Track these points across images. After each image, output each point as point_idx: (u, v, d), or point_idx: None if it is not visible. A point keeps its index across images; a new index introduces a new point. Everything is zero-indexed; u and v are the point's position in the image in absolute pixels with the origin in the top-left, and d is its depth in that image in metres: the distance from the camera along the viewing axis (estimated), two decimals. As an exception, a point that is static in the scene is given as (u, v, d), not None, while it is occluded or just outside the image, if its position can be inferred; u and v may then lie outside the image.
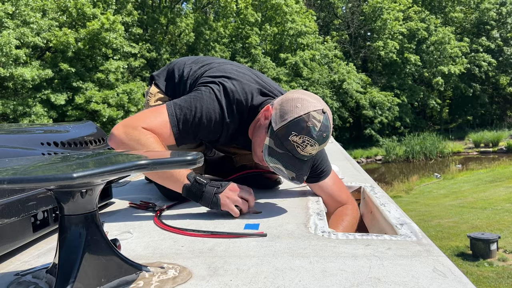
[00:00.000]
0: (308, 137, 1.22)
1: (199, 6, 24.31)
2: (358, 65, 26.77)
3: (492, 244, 5.59)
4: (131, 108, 16.68)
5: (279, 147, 1.25)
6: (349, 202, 1.50)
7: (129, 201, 1.50)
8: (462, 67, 25.71)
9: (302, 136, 1.22)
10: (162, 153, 0.85)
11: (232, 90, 1.38)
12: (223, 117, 1.37)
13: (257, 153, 1.39)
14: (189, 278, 0.80)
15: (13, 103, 14.65)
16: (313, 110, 1.23)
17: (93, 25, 15.71)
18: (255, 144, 1.39)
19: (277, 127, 1.25)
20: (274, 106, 1.31)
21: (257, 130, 1.38)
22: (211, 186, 1.26)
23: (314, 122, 1.21)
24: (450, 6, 27.99)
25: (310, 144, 1.22)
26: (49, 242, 1.07)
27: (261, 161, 1.40)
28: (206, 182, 1.27)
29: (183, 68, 1.62)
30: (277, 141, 1.25)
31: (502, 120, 28.80)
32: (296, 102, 1.25)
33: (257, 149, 1.38)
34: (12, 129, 1.49)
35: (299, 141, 1.22)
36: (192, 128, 1.35)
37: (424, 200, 10.37)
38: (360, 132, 25.22)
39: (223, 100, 1.36)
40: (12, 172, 0.66)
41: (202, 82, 1.43)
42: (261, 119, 1.35)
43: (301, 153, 1.24)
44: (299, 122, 1.21)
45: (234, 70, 1.48)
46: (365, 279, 0.77)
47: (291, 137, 1.23)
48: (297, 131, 1.22)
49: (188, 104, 1.33)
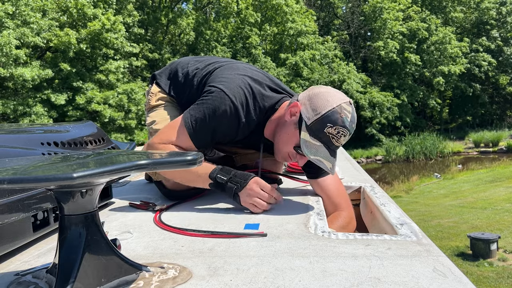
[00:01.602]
0: (342, 127, 1.27)
1: (199, 6, 24.32)
2: (358, 65, 26.77)
3: (492, 244, 5.59)
4: (131, 107, 16.68)
5: (315, 140, 1.29)
6: (345, 209, 1.47)
7: (129, 201, 1.50)
8: (462, 67, 25.71)
9: (337, 127, 1.26)
10: (162, 153, 0.85)
11: (245, 88, 1.39)
12: (239, 118, 1.38)
13: (282, 150, 1.41)
14: (189, 278, 0.80)
15: (13, 103, 14.65)
16: (343, 102, 1.28)
17: (94, 26, 15.71)
18: (279, 141, 1.41)
19: (310, 121, 1.28)
20: (301, 102, 1.32)
21: (281, 128, 1.39)
22: (231, 184, 1.31)
23: (346, 113, 1.27)
24: (450, 6, 27.98)
25: (344, 134, 1.28)
26: (49, 242, 1.07)
27: (284, 159, 1.44)
28: (226, 180, 1.31)
29: (187, 67, 1.63)
30: (313, 133, 1.29)
31: (502, 120, 28.79)
32: (326, 96, 1.29)
33: (282, 147, 1.40)
34: (12, 129, 1.49)
35: (334, 132, 1.27)
36: (209, 135, 1.40)
37: (424, 200, 10.38)
38: (360, 132, 25.21)
39: (236, 101, 1.36)
40: (12, 172, 0.66)
41: (211, 84, 1.42)
42: (286, 116, 1.36)
43: (336, 144, 1.29)
44: (333, 114, 1.26)
45: (243, 68, 1.49)
46: (365, 279, 0.77)
47: (326, 129, 1.27)
48: (332, 123, 1.26)
49: (202, 113, 1.36)
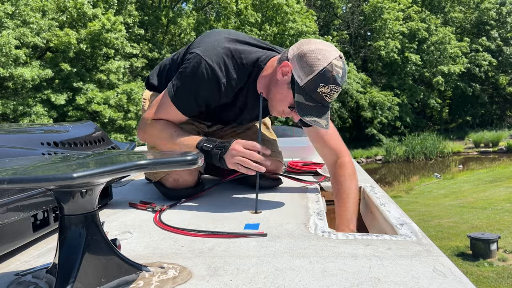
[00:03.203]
0: (335, 85, 1.29)
1: (199, 6, 24.31)
2: (358, 65, 26.74)
3: (492, 244, 5.59)
4: (131, 107, 16.66)
5: (309, 101, 1.31)
6: (346, 155, 1.53)
7: (129, 201, 1.50)
8: (462, 66, 25.70)
9: (329, 85, 1.28)
10: (163, 153, 0.85)
11: (222, 48, 1.41)
12: (218, 78, 1.39)
13: (276, 108, 1.44)
14: (189, 278, 0.80)
15: (13, 103, 14.63)
16: (334, 58, 1.28)
17: (94, 26, 15.70)
18: (274, 99, 1.43)
19: (303, 83, 1.30)
20: (292, 61, 1.33)
21: (274, 86, 1.40)
22: (216, 150, 1.34)
23: (337, 70, 1.28)
24: (449, 6, 27.97)
25: (336, 90, 1.31)
26: (49, 242, 1.07)
27: (279, 115, 1.47)
28: (212, 147, 1.36)
29: (172, 56, 1.67)
30: (306, 95, 1.31)
31: (502, 120, 28.78)
32: (317, 54, 1.29)
33: (276, 104, 1.43)
34: (12, 129, 1.49)
35: (327, 91, 1.29)
36: (193, 100, 1.43)
37: (424, 200, 10.37)
38: (360, 132, 25.20)
39: (213, 62, 1.38)
40: (12, 172, 0.66)
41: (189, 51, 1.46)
42: (278, 75, 1.37)
43: (329, 100, 1.32)
44: (325, 73, 1.27)
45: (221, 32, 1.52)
46: (365, 279, 0.77)
47: (319, 89, 1.29)
48: (325, 82, 1.28)
49: (181, 80, 1.42)
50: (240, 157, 1.31)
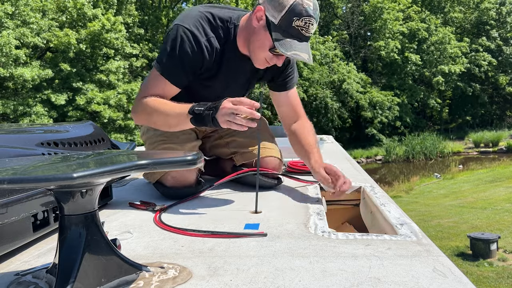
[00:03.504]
0: (308, 17, 1.34)
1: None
2: (358, 65, 26.74)
3: (492, 244, 5.59)
4: (131, 107, 16.63)
5: (287, 36, 1.36)
6: (304, 116, 1.74)
7: (129, 201, 1.50)
8: (462, 66, 25.70)
9: (303, 18, 1.33)
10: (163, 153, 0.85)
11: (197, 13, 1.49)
12: (198, 39, 1.45)
13: (258, 57, 1.48)
14: (189, 278, 0.80)
15: (13, 103, 14.63)
16: None
17: (94, 26, 15.69)
18: (254, 49, 1.47)
19: (277, 20, 1.35)
20: (263, 5, 1.39)
21: (251, 35, 1.46)
22: (208, 111, 1.34)
23: (307, 2, 1.33)
24: (449, 6, 27.97)
25: (311, 22, 1.36)
26: (49, 242, 1.07)
27: (263, 64, 1.51)
28: (203, 109, 1.36)
29: None
30: (283, 32, 1.36)
31: (502, 120, 28.76)
32: None
33: (258, 53, 1.47)
34: (12, 129, 1.49)
35: (302, 24, 1.34)
36: (180, 67, 1.47)
37: (424, 200, 10.37)
38: (361, 132, 25.19)
39: (190, 26, 1.44)
40: (12, 172, 0.66)
41: None
42: (254, 22, 1.43)
43: (306, 34, 1.37)
44: (296, 7, 1.32)
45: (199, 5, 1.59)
46: (365, 279, 0.77)
47: (294, 23, 1.34)
48: (298, 15, 1.33)
49: (165, 50, 1.47)
50: (232, 115, 1.29)
